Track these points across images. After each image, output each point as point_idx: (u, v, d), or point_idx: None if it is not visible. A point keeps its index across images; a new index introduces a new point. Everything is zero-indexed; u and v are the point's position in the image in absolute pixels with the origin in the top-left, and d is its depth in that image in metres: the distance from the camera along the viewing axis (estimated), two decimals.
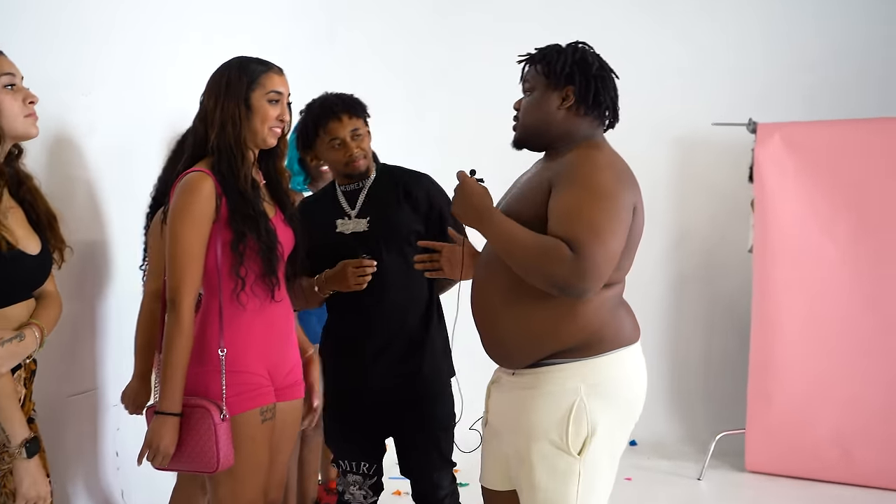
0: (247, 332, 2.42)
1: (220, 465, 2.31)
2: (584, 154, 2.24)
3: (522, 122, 2.37)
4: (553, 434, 2.20)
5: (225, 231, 2.37)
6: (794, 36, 5.46)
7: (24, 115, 2.05)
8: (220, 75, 2.46)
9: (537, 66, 2.34)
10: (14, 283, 2.08)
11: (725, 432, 4.96)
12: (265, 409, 2.43)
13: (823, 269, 4.70)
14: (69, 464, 2.95)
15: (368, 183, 2.94)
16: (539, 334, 2.22)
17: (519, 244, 2.15)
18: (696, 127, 5.38)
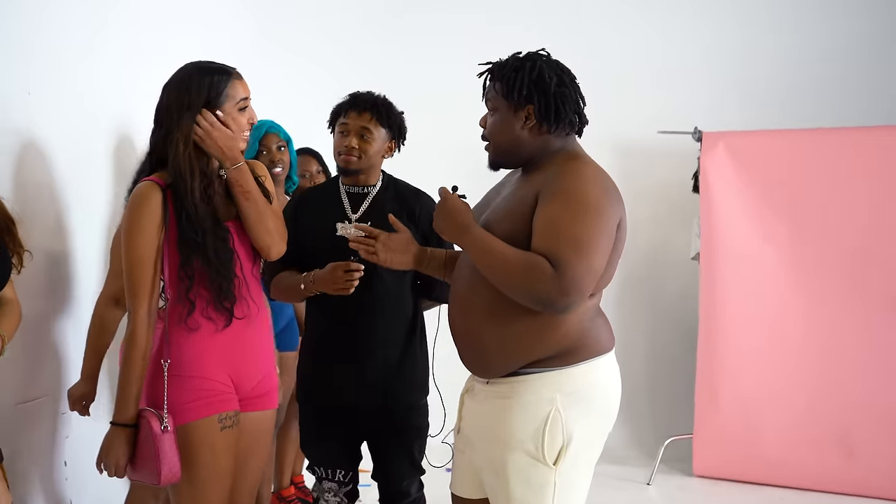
0: (203, 343, 2.38)
1: (163, 478, 2.27)
2: (571, 167, 2.23)
3: (494, 144, 2.35)
4: (529, 444, 2.19)
5: (173, 252, 2.34)
6: (740, 45, 5.58)
7: None
8: (181, 90, 2.36)
9: (496, 86, 2.31)
10: None
11: (673, 437, 5.02)
12: (224, 416, 2.38)
13: (767, 275, 4.81)
14: (22, 473, 2.89)
15: (374, 191, 2.93)
16: (519, 344, 2.21)
17: (500, 261, 2.14)
18: (642, 135, 5.45)
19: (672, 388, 5.51)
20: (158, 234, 2.31)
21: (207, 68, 2.40)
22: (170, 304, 2.37)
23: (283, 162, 3.64)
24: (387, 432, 2.90)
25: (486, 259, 2.17)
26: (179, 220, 2.32)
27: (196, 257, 2.32)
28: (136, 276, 2.30)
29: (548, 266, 2.06)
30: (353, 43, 5.61)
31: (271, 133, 3.61)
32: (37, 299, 2.73)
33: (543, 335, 2.19)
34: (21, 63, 2.70)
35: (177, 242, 2.32)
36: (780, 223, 4.79)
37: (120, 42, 3.38)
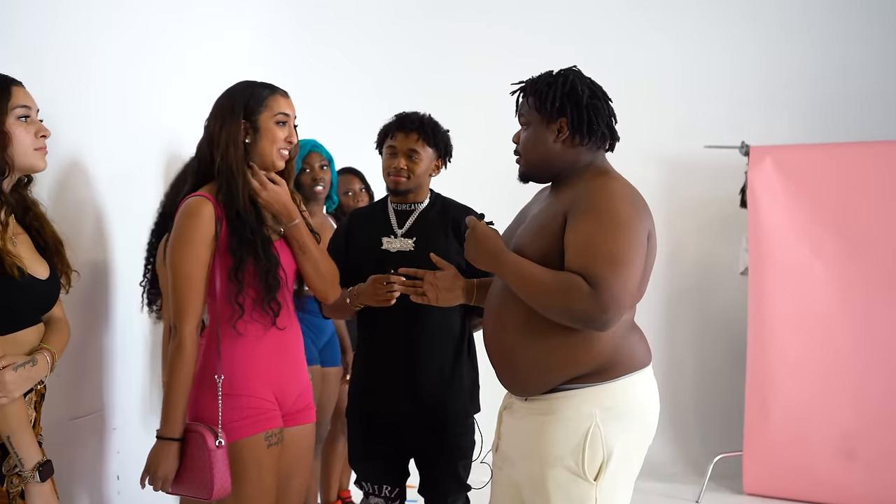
0: (249, 358, 2.42)
1: (216, 493, 2.30)
2: (599, 183, 2.25)
3: (526, 158, 2.37)
4: (569, 460, 2.19)
5: (225, 257, 2.38)
6: (788, 59, 5.54)
7: (34, 148, 2.07)
8: (225, 98, 2.47)
9: (529, 100, 2.34)
10: (25, 308, 2.10)
11: (723, 455, 4.97)
12: (270, 434, 2.42)
13: (815, 289, 4.75)
14: (72, 488, 2.95)
15: (420, 207, 2.98)
16: (556, 362, 2.21)
17: (536, 283, 2.15)
18: (689, 149, 5.42)
19: (721, 404, 5.46)
20: (209, 249, 2.36)
21: (254, 82, 2.50)
22: (219, 315, 2.40)
23: (325, 181, 3.71)
24: (434, 449, 2.91)
25: (522, 283, 2.18)
26: (231, 225, 2.36)
27: (249, 257, 2.37)
28: (185, 293, 2.34)
29: (584, 284, 2.06)
30: (391, 45, 5.67)
31: (314, 152, 3.69)
32: (80, 316, 2.79)
33: (578, 352, 2.20)
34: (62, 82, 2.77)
35: (228, 248, 2.37)
36: (829, 237, 4.74)
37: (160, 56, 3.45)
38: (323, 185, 3.71)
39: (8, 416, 1.97)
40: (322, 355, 3.67)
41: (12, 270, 1.99)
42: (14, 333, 2.05)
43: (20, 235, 2.13)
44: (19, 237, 2.11)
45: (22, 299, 2.06)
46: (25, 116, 2.06)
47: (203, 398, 2.39)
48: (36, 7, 2.74)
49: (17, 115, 2.05)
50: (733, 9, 5.64)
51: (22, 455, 2.00)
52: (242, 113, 2.42)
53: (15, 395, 1.98)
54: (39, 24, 2.75)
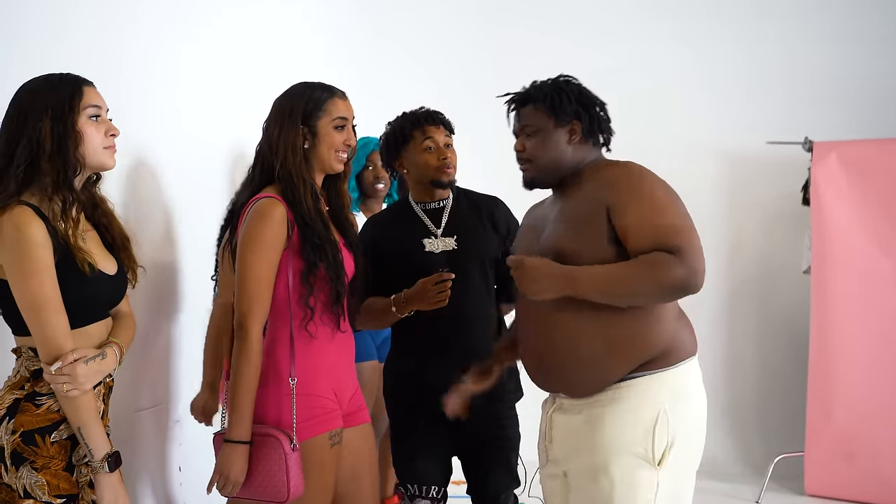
0: (316, 359, 2.43)
1: (291, 495, 2.31)
2: (623, 170, 2.32)
3: (537, 164, 2.41)
4: (637, 447, 2.22)
5: (296, 260, 2.39)
6: (850, 53, 5.42)
7: (103, 147, 2.11)
8: (284, 102, 2.48)
9: (540, 107, 2.39)
10: (95, 302, 2.15)
11: (784, 454, 4.90)
12: (334, 434, 2.43)
13: (882, 288, 4.65)
14: (135, 478, 3.02)
15: (449, 203, 2.95)
16: (624, 351, 2.24)
17: (620, 278, 2.18)
18: (751, 145, 5.35)
19: (782, 404, 5.38)
20: (280, 252, 2.37)
21: (313, 84, 2.50)
22: (292, 317, 2.40)
23: (386, 179, 3.75)
24: (482, 442, 2.88)
25: (606, 286, 2.19)
26: (301, 229, 2.38)
27: (321, 261, 2.38)
28: (254, 293, 2.34)
29: (666, 255, 2.13)
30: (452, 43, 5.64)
31: (377, 151, 3.70)
32: (146, 310, 2.84)
33: (644, 338, 2.24)
34: (128, 81, 2.82)
35: (300, 251, 2.38)
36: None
37: (222, 54, 3.50)
38: (384, 184, 3.76)
39: (79, 408, 2.02)
40: (380, 351, 3.69)
41: (83, 266, 2.04)
42: (84, 327, 2.10)
43: (89, 232, 2.18)
44: (88, 234, 2.16)
45: (92, 294, 2.11)
46: (96, 116, 2.10)
47: (275, 401, 2.39)
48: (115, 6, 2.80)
49: (89, 115, 2.08)
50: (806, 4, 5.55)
51: (92, 446, 2.04)
52: (301, 118, 2.43)
53: (86, 387, 2.02)
54: (116, 24, 2.82)
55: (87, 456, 2.06)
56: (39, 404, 2.04)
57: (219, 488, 2.36)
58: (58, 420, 2.05)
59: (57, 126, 2.02)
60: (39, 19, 2.55)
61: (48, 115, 2.01)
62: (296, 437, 2.34)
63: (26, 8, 2.51)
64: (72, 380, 1.99)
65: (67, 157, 2.03)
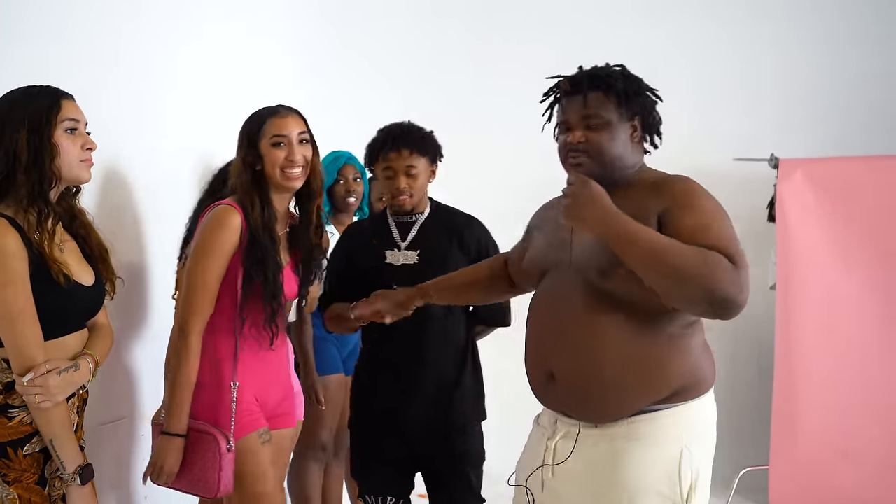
0: (247, 367, 2.53)
1: (221, 492, 2.42)
2: (687, 185, 2.10)
3: (601, 160, 2.12)
4: (662, 486, 2.03)
5: (239, 271, 2.48)
6: (819, 69, 5.50)
7: (79, 160, 2.11)
8: (242, 127, 2.61)
9: (611, 96, 2.12)
10: (71, 313, 2.14)
11: (749, 468, 4.94)
12: (262, 433, 2.56)
13: (846, 306, 4.69)
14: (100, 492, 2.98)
15: (422, 218, 2.92)
16: (648, 380, 2.05)
17: (671, 249, 1.89)
18: (717, 162, 5.40)
19: (748, 417, 5.41)
20: (229, 258, 2.46)
21: (264, 108, 2.62)
22: (235, 322, 2.50)
23: (357, 192, 3.81)
24: (442, 457, 2.86)
25: (652, 250, 1.90)
26: (251, 240, 2.47)
27: (258, 277, 2.47)
28: (200, 296, 2.44)
29: (727, 260, 1.88)
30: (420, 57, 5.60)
31: (349, 164, 3.78)
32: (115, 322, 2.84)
33: (669, 369, 2.06)
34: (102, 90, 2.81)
35: (243, 261, 2.47)
36: (863, 253, 4.67)
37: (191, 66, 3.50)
38: (355, 197, 3.81)
39: (51, 420, 2.02)
40: (346, 364, 3.70)
41: (58, 277, 2.04)
42: (60, 338, 2.09)
43: (68, 243, 2.17)
44: (67, 244, 2.16)
45: (67, 305, 2.11)
46: (73, 129, 2.10)
47: (209, 399, 2.48)
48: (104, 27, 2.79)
49: (66, 128, 2.09)
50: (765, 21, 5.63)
51: (64, 458, 2.04)
52: (248, 142, 2.55)
53: (58, 398, 2.02)
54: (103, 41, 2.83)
55: (59, 469, 2.05)
56: (12, 417, 2.02)
57: (153, 478, 2.44)
58: (30, 433, 2.04)
59: (33, 138, 2.02)
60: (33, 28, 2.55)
61: (25, 126, 2.01)
62: (233, 438, 2.44)
63: None
64: (44, 391, 1.98)
65: (43, 170, 2.03)
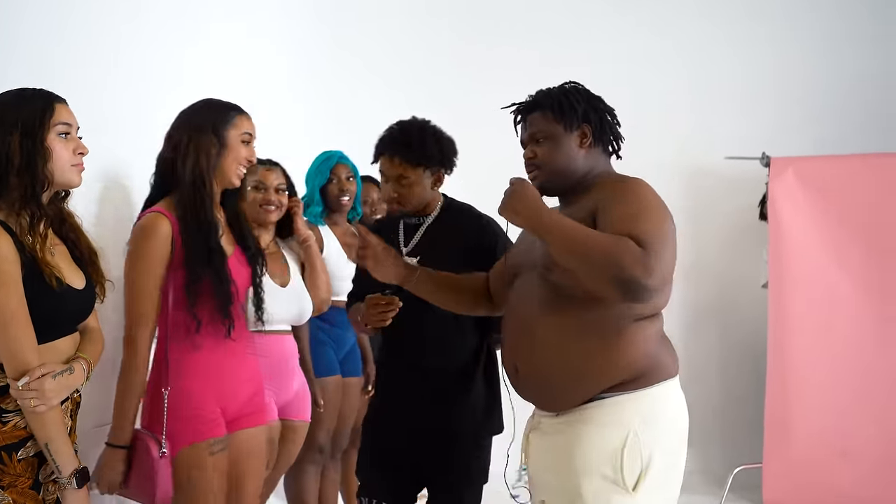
0: (198, 369, 2.51)
1: (158, 500, 2.40)
2: (629, 184, 2.25)
3: (549, 169, 2.34)
4: (606, 468, 2.15)
5: (179, 273, 2.46)
6: (811, 69, 5.53)
7: (71, 164, 2.11)
8: (192, 113, 2.56)
9: (547, 113, 2.33)
10: (63, 317, 2.14)
11: (742, 466, 4.96)
12: (214, 442, 2.50)
13: (839, 303, 4.73)
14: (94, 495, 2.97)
15: (428, 221, 2.87)
16: (595, 370, 2.18)
17: (584, 237, 2.07)
18: (709, 161, 5.42)
19: (742, 416, 5.44)
20: (164, 266, 2.44)
21: (219, 100, 2.60)
22: (171, 329, 2.49)
23: (350, 192, 3.77)
24: (441, 473, 2.82)
25: (567, 237, 2.09)
26: (186, 242, 2.45)
27: (206, 273, 2.45)
28: (141, 306, 2.43)
29: (634, 244, 2.01)
30: (414, 57, 5.60)
31: (342, 164, 3.75)
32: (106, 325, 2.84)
33: (618, 359, 2.17)
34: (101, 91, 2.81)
35: (183, 264, 2.45)
36: (854, 250, 4.72)
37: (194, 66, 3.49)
38: (348, 197, 3.76)
39: (46, 424, 2.01)
40: (343, 366, 3.70)
41: (51, 280, 2.04)
42: (52, 342, 2.09)
43: (58, 246, 2.17)
44: (57, 248, 2.16)
45: (60, 309, 2.10)
46: (66, 133, 2.10)
47: (149, 406, 2.48)
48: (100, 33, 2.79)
49: (58, 132, 2.08)
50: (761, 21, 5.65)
51: (59, 462, 2.04)
52: (211, 127, 2.51)
53: (53, 402, 2.01)
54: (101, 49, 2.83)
55: (54, 473, 2.05)
56: (6, 421, 2.02)
57: (98, 488, 2.43)
58: (24, 437, 2.03)
59: (26, 142, 2.02)
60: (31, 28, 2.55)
61: (18, 130, 2.01)
62: (166, 444, 2.41)
63: None
64: (39, 395, 1.97)
65: (36, 173, 2.03)
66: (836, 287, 4.73)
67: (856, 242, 4.71)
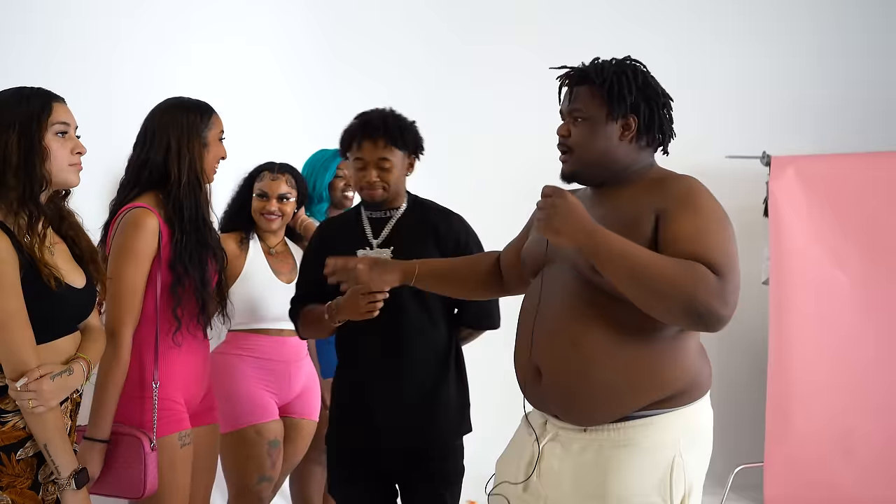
0: (175, 367, 2.54)
1: (147, 491, 2.43)
2: (690, 184, 2.05)
3: (580, 156, 2.09)
4: (653, 496, 1.95)
5: (166, 271, 2.47)
6: (810, 68, 5.52)
7: (68, 164, 2.11)
8: (175, 112, 2.54)
9: (596, 92, 2.07)
10: (62, 317, 2.13)
11: (744, 465, 4.95)
12: (183, 434, 2.55)
13: (839, 302, 4.72)
14: None
15: (397, 214, 2.79)
16: (644, 382, 1.96)
17: (650, 264, 1.83)
18: (710, 160, 5.40)
19: (742, 415, 5.41)
20: (150, 260, 2.45)
21: (190, 99, 2.61)
22: (159, 326, 2.50)
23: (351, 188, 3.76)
24: (416, 475, 2.73)
25: (630, 263, 1.85)
26: (174, 241, 2.47)
27: (192, 273, 2.48)
28: (126, 301, 2.43)
29: (710, 273, 1.81)
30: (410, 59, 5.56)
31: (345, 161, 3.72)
32: None
33: (666, 371, 1.98)
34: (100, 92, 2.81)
35: (169, 263, 2.46)
36: (853, 249, 4.71)
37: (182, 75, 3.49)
38: (353, 192, 3.75)
39: (45, 425, 2.01)
40: None
41: (49, 281, 2.02)
42: (52, 342, 2.08)
43: (58, 245, 2.16)
44: (57, 246, 2.15)
45: (59, 309, 2.09)
46: (63, 132, 2.09)
47: (131, 401, 2.47)
48: None
49: (56, 131, 2.08)
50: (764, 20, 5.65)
51: (58, 463, 2.03)
52: (197, 128, 2.53)
53: (52, 403, 2.01)
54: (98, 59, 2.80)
55: (53, 473, 2.05)
56: (4, 422, 2.01)
57: None
58: (23, 437, 2.03)
59: (24, 141, 2.01)
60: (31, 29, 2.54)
61: (15, 129, 2.01)
62: (155, 438, 2.45)
63: None
64: (38, 396, 1.97)
65: (34, 173, 2.02)
66: (838, 285, 4.72)
67: (857, 241, 4.70)
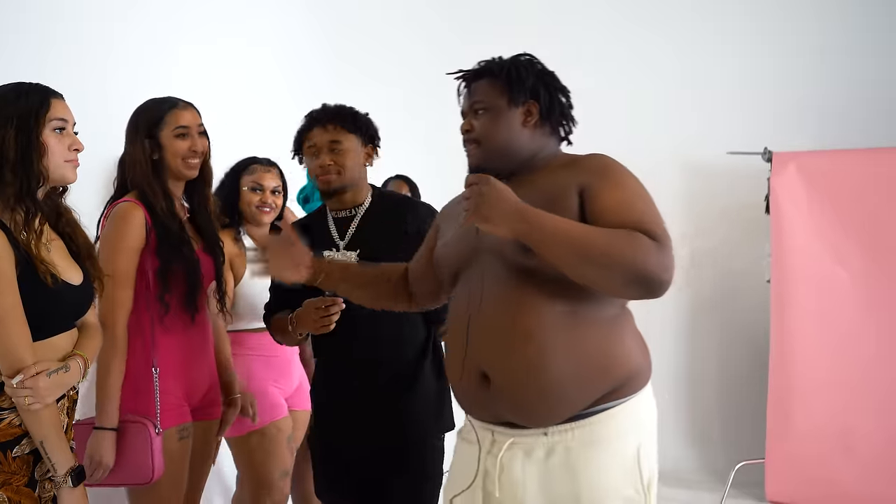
0: (169, 354, 2.57)
1: (155, 476, 2.47)
2: (606, 160, 2.00)
3: (487, 146, 2.07)
4: (627, 489, 1.91)
5: (153, 259, 2.53)
6: (812, 64, 5.51)
7: (65, 160, 2.10)
8: (132, 118, 2.65)
9: (495, 83, 2.08)
10: (59, 314, 2.12)
11: (745, 462, 4.95)
12: (182, 428, 2.59)
13: (840, 298, 4.72)
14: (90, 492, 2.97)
15: (361, 211, 2.70)
16: (600, 370, 1.90)
17: (588, 236, 1.78)
18: (712, 155, 5.41)
19: (744, 411, 5.43)
20: (138, 252, 2.52)
21: (159, 99, 2.68)
22: (151, 312, 2.54)
23: None
24: (394, 471, 2.65)
25: (568, 239, 1.79)
26: (158, 231, 2.53)
27: (176, 260, 2.54)
28: (118, 291, 2.46)
29: (647, 238, 1.77)
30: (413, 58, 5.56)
31: None
32: None
33: (612, 357, 1.92)
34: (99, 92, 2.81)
35: (156, 251, 2.54)
36: (855, 246, 4.71)
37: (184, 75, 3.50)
38: None
39: (41, 422, 2.00)
40: None
41: (46, 278, 2.02)
42: (49, 339, 2.07)
43: (55, 241, 2.15)
44: (54, 243, 2.14)
45: (56, 305, 2.08)
46: (61, 129, 2.09)
47: (130, 390, 2.50)
48: None
49: (54, 127, 2.07)
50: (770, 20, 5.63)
51: (55, 460, 2.02)
52: (145, 132, 2.59)
53: (48, 400, 2.00)
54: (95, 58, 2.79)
55: (49, 471, 2.04)
56: (0, 419, 2.00)
57: (88, 474, 2.41)
58: (20, 434, 2.02)
59: (21, 137, 2.00)
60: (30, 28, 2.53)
61: (13, 124, 2.00)
62: (159, 423, 2.50)
63: None
64: (34, 393, 1.96)
65: (31, 168, 2.01)
66: (839, 281, 4.71)
67: (858, 237, 4.70)
